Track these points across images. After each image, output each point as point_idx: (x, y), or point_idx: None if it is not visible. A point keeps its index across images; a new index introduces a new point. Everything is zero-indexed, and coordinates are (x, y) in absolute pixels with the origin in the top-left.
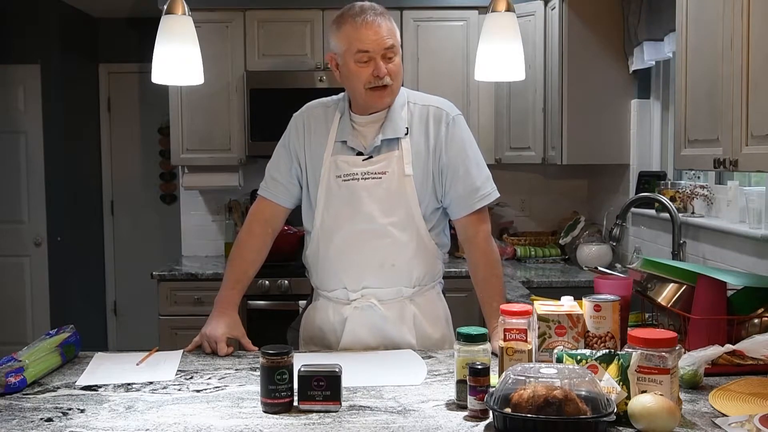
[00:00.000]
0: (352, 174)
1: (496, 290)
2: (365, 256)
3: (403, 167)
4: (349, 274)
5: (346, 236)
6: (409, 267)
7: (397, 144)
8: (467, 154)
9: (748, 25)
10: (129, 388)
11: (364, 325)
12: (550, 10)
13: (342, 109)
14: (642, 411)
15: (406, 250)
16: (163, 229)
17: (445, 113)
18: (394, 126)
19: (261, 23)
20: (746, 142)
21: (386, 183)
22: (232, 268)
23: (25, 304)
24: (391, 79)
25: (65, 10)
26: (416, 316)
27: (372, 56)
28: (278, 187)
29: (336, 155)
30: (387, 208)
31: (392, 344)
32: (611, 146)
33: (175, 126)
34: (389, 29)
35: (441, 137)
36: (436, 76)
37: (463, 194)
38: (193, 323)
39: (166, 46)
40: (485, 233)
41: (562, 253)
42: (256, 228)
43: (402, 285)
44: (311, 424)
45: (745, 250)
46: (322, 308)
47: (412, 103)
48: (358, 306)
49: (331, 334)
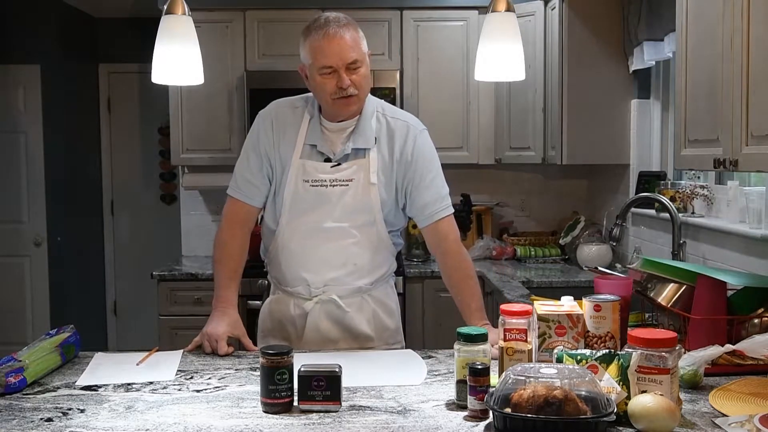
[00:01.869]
0: (320, 180)
1: (472, 292)
2: (329, 255)
3: (369, 176)
4: (312, 271)
5: (310, 235)
6: (371, 266)
7: (365, 153)
8: (434, 165)
9: (748, 25)
10: (129, 388)
11: (326, 318)
12: (550, 10)
13: (312, 113)
14: (642, 411)
15: (367, 250)
16: (163, 229)
17: (412, 128)
18: (365, 136)
19: (261, 23)
20: (746, 142)
21: (352, 190)
22: (222, 268)
23: (25, 304)
24: (356, 89)
25: (65, 10)
26: (374, 309)
27: (335, 69)
28: (251, 188)
29: (304, 159)
30: (352, 212)
31: (351, 336)
32: (611, 146)
33: (175, 126)
34: (353, 41)
35: (408, 150)
36: (436, 76)
37: (430, 201)
38: (193, 323)
39: (166, 46)
40: (455, 236)
41: (562, 253)
42: (236, 229)
43: (362, 282)
44: (311, 424)
45: (745, 250)
46: (282, 302)
47: (381, 114)
48: (319, 301)
49: (291, 327)
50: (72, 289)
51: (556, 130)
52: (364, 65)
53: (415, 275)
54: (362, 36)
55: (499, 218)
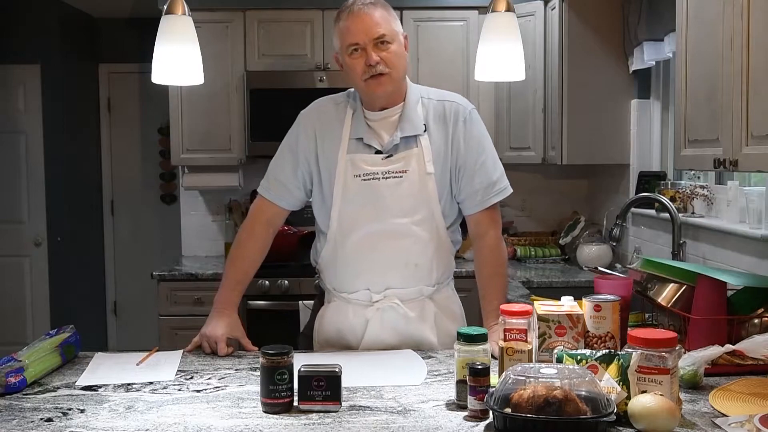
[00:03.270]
0: (372, 173)
1: (499, 289)
2: (389, 256)
3: (424, 165)
4: (373, 274)
5: (367, 236)
6: (431, 266)
7: (416, 141)
8: (484, 148)
9: (748, 25)
10: (129, 388)
11: (387, 325)
12: (550, 10)
13: (354, 106)
14: (642, 411)
15: (427, 248)
16: (163, 229)
17: (462, 108)
18: (412, 123)
19: (261, 23)
20: (746, 142)
21: (407, 182)
22: (234, 269)
23: (25, 304)
24: (387, 66)
25: (65, 10)
26: (437, 314)
27: (363, 47)
28: (281, 190)
29: (352, 153)
30: (408, 206)
31: (414, 344)
32: (611, 146)
33: (175, 126)
34: (381, 17)
35: (459, 133)
36: (436, 76)
37: (479, 188)
38: (193, 323)
39: (166, 46)
40: (497, 231)
41: (562, 253)
42: (258, 228)
43: (423, 284)
44: (311, 424)
45: (745, 250)
46: (340, 310)
47: (426, 99)
48: (380, 307)
49: (351, 336)
50: (72, 289)
51: (556, 130)
52: (396, 42)
53: None
54: (395, 16)
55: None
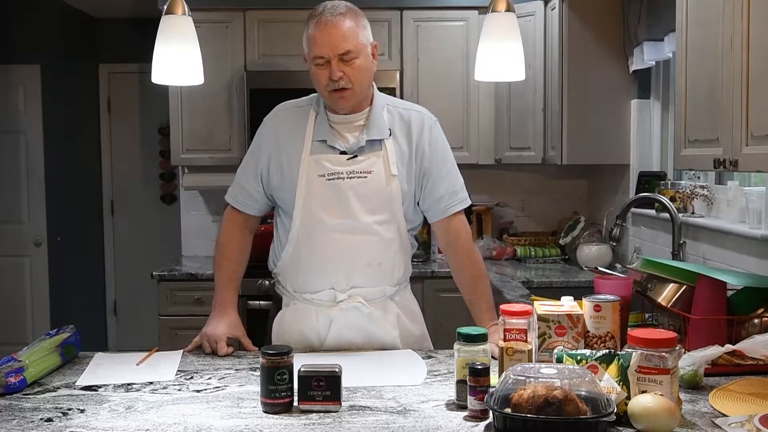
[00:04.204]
0: (336, 173)
1: (483, 291)
2: (353, 254)
3: (389, 167)
4: (338, 273)
5: (331, 235)
6: (393, 265)
7: (381, 145)
8: (447, 158)
9: (748, 25)
10: (129, 388)
11: (350, 325)
12: (550, 10)
13: (317, 109)
14: (642, 411)
15: (390, 248)
16: (163, 229)
17: (426, 117)
18: (378, 127)
19: (261, 23)
20: (746, 142)
21: (372, 182)
22: (222, 270)
23: (25, 304)
24: (349, 82)
25: (65, 10)
26: (399, 314)
27: (327, 60)
28: (246, 197)
29: (316, 154)
30: (372, 206)
31: (378, 343)
32: (611, 146)
33: (175, 126)
34: (349, 30)
35: (424, 140)
36: (436, 76)
37: (444, 194)
38: (193, 323)
39: (166, 46)
40: (468, 234)
41: (562, 253)
42: (234, 231)
43: (386, 284)
44: (311, 424)
45: (745, 250)
46: (302, 312)
47: (392, 107)
48: (345, 307)
49: (314, 338)
50: (72, 289)
51: (556, 130)
52: (362, 56)
53: (415, 275)
54: (365, 26)
55: (499, 218)
